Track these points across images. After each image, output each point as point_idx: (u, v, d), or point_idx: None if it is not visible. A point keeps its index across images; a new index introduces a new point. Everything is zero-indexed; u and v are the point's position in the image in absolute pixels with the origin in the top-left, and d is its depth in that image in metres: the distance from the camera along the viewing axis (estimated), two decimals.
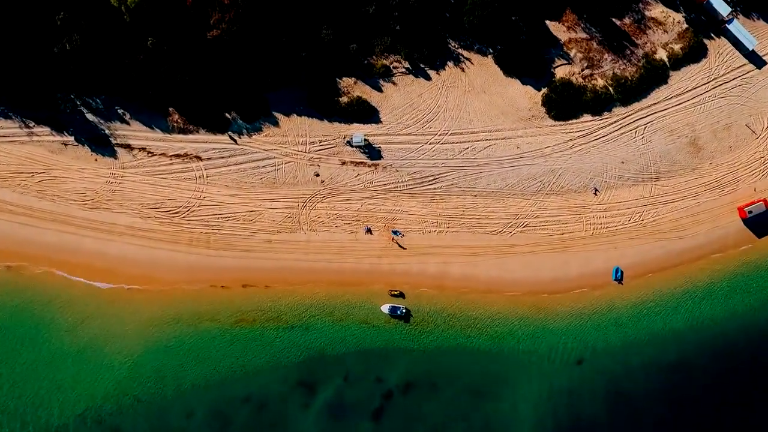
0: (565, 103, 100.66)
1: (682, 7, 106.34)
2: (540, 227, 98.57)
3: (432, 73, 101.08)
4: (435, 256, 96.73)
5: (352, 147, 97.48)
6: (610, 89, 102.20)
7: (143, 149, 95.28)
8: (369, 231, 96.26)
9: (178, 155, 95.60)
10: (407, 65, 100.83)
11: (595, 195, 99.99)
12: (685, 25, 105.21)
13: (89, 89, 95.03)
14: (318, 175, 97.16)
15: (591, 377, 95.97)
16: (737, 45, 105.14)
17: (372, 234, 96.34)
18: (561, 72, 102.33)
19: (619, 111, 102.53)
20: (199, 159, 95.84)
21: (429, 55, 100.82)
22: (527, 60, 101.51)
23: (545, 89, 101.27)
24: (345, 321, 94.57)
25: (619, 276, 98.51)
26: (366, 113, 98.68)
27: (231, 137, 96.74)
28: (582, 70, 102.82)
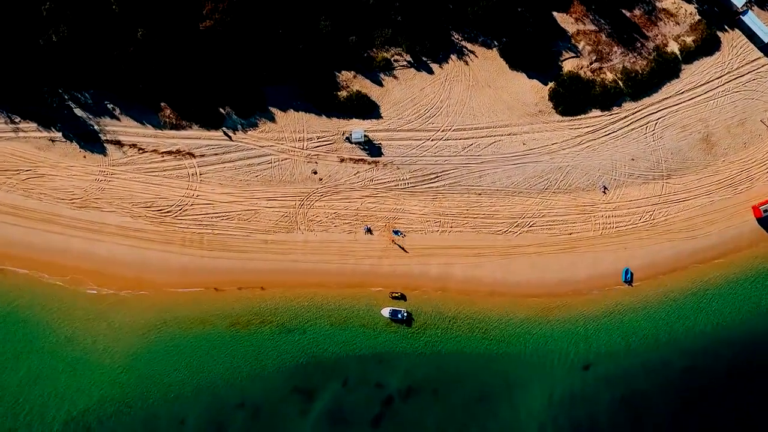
0: (573, 98, 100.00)
1: None
2: (546, 227, 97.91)
3: (435, 67, 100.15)
4: (437, 257, 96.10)
5: (351, 143, 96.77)
6: (619, 83, 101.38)
7: (134, 146, 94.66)
8: (369, 231, 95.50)
9: (170, 152, 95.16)
10: (409, 58, 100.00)
11: (604, 193, 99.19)
12: (698, 17, 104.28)
13: (77, 83, 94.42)
14: (316, 173, 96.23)
15: (597, 383, 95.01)
16: (752, 37, 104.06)
17: (372, 234, 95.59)
18: (569, 65, 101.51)
19: (629, 106, 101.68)
20: (192, 156, 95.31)
21: (431, 48, 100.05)
22: (534, 53, 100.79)
23: (552, 83, 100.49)
24: (344, 324, 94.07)
25: (629, 278, 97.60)
26: (366, 108, 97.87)
27: (225, 133, 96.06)
28: (590, 63, 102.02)
